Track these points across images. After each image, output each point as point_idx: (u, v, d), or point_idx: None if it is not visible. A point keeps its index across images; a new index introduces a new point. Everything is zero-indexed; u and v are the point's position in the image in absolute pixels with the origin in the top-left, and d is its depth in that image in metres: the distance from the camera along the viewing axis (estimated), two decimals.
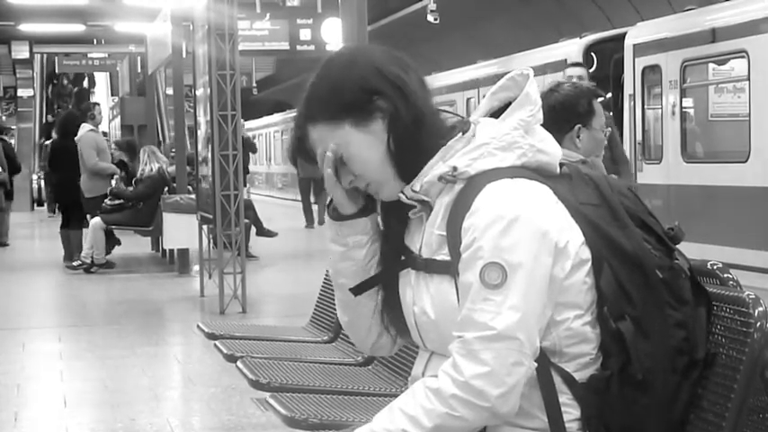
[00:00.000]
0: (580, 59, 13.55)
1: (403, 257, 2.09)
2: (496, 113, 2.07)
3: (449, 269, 1.96)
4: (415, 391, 1.94)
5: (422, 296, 2.03)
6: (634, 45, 12.17)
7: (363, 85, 1.98)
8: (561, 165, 2.08)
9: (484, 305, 1.88)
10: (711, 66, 11.51)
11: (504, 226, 1.88)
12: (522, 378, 1.89)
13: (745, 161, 10.29)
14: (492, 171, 1.95)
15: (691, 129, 11.83)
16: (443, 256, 1.98)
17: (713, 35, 10.72)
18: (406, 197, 2.02)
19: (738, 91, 11.28)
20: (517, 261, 1.88)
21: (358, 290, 2.15)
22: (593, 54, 13.67)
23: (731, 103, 11.77)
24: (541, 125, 2.05)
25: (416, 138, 1.99)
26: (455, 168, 1.96)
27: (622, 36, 12.65)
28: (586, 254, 1.95)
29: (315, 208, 18.56)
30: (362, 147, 1.99)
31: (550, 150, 2.04)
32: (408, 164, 2.00)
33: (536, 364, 1.91)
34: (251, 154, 17.13)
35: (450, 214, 1.97)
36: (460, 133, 2.01)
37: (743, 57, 10.44)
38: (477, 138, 1.99)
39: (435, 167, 1.98)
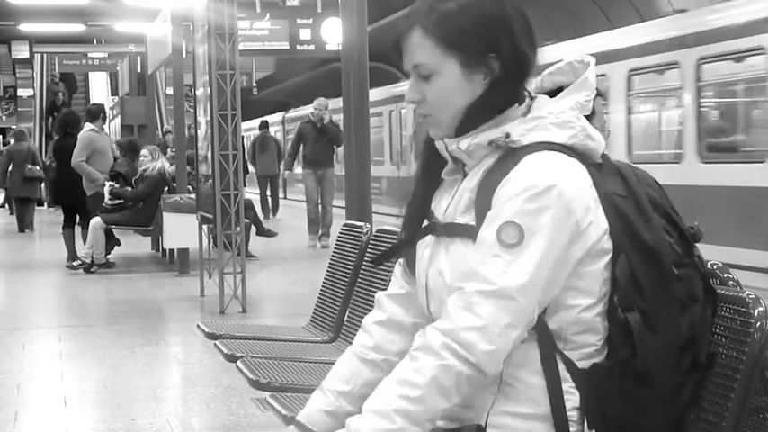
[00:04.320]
0: None
1: (425, 223, 2.09)
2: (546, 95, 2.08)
3: (472, 234, 1.94)
4: (400, 362, 1.93)
5: (440, 258, 2.02)
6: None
7: (492, 40, 1.96)
8: None
9: (493, 260, 1.87)
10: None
11: (533, 193, 1.88)
12: (512, 343, 1.88)
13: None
14: (538, 144, 1.95)
15: None
16: (468, 219, 1.97)
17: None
18: (446, 148, 2.02)
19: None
20: (537, 227, 1.87)
21: (379, 260, 2.18)
22: None
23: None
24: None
25: (501, 107, 2.00)
26: (508, 135, 1.96)
27: None
28: (608, 245, 1.95)
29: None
30: (454, 86, 1.98)
31: (598, 138, 2.04)
32: (477, 122, 1.99)
33: (537, 349, 1.91)
34: (336, 147, 14.31)
35: (485, 180, 1.96)
36: (516, 104, 2.01)
37: (604, 77, 12.14)
38: (534, 110, 2.00)
39: (488, 131, 1.98)
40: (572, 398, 1.95)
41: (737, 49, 10.38)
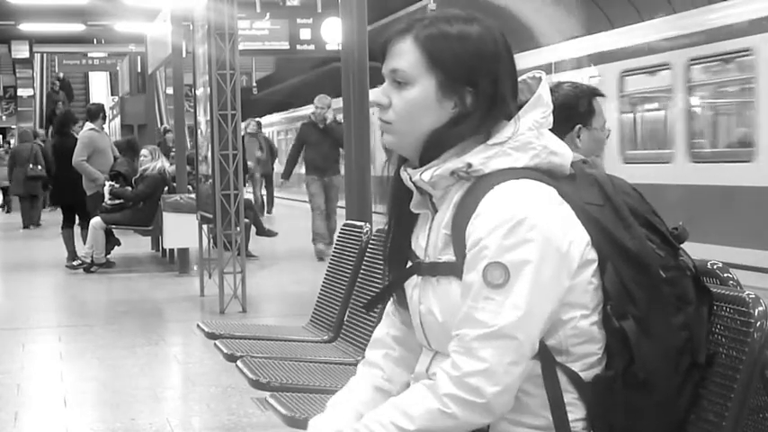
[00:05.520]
0: None
1: (409, 263, 2.09)
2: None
3: (454, 270, 1.95)
4: (413, 388, 1.95)
5: (428, 297, 2.02)
6: None
7: (474, 74, 1.96)
8: None
9: (485, 304, 1.88)
10: None
11: (509, 228, 1.88)
12: (518, 378, 1.89)
13: None
14: (502, 171, 1.95)
15: None
16: (449, 256, 1.97)
17: None
18: (410, 178, 2.02)
19: None
20: (520, 261, 1.87)
21: (370, 305, 2.18)
22: None
23: None
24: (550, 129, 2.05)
25: (460, 139, 1.99)
26: (470, 165, 1.96)
27: None
28: (592, 254, 1.95)
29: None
30: (423, 103, 1.98)
31: (562, 152, 2.03)
32: (438, 151, 1.99)
33: (539, 363, 1.91)
34: (341, 150, 11.22)
35: (456, 214, 1.96)
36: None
37: None
38: (493, 136, 1.99)
39: (450, 161, 1.98)
40: (575, 409, 1.96)
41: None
